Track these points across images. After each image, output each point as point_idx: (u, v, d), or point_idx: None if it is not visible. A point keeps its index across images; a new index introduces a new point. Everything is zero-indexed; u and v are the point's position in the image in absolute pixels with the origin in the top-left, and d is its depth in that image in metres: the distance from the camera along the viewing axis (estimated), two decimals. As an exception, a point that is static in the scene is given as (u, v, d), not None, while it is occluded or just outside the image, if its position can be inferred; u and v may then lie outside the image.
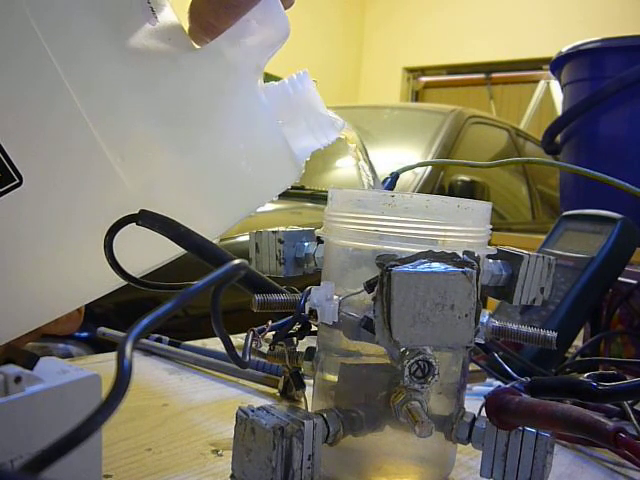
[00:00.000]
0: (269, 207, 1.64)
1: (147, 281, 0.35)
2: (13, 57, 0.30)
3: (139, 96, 0.31)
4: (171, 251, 0.35)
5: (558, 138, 0.98)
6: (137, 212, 0.32)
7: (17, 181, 0.31)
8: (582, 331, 0.62)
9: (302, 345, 0.37)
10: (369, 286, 0.31)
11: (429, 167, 2.07)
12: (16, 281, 0.33)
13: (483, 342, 0.34)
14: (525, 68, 4.85)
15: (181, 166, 0.32)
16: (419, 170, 2.01)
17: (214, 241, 0.35)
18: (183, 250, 0.34)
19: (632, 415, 0.42)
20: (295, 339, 0.37)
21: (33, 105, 0.30)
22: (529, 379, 0.38)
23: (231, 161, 0.34)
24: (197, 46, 0.33)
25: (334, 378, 0.34)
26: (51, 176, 0.32)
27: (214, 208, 0.35)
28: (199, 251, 0.34)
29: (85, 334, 1.06)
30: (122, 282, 0.35)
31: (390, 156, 2.14)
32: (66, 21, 0.30)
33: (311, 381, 0.37)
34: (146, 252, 0.35)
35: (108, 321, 0.83)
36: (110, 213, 0.32)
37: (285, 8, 0.34)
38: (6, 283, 0.33)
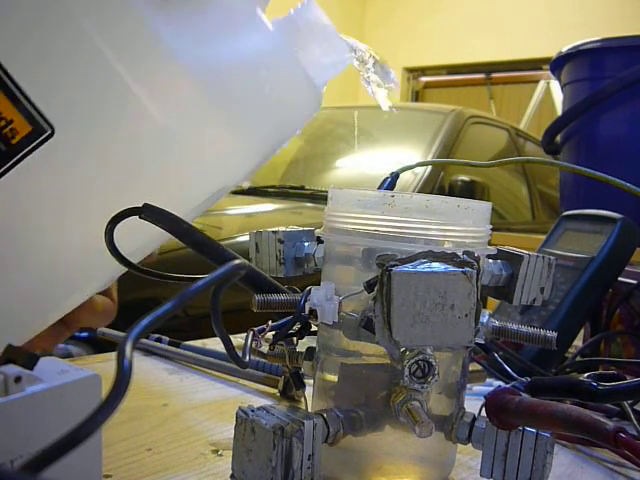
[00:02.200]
0: (269, 207, 1.63)
1: (144, 268, 0.35)
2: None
3: (159, 27, 0.31)
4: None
5: (558, 138, 0.98)
6: (140, 205, 0.32)
7: (49, 131, 0.31)
8: (582, 331, 0.62)
9: (302, 345, 0.37)
10: (369, 286, 0.31)
11: (429, 167, 2.06)
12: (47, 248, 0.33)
13: (483, 342, 0.34)
14: (525, 68, 4.84)
15: (206, 93, 0.32)
16: (419, 170, 2.01)
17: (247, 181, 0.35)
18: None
19: (632, 415, 0.42)
20: (295, 339, 0.37)
21: (50, 43, 0.31)
22: (529, 379, 0.38)
23: (255, 87, 0.34)
24: None
25: (334, 378, 0.34)
26: (80, 120, 0.32)
27: (245, 137, 0.35)
28: (201, 248, 0.34)
29: (85, 334, 1.06)
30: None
31: (390, 156, 2.14)
32: None
33: (311, 381, 0.37)
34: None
35: (108, 321, 0.83)
36: (143, 148, 0.32)
37: None
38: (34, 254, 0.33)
